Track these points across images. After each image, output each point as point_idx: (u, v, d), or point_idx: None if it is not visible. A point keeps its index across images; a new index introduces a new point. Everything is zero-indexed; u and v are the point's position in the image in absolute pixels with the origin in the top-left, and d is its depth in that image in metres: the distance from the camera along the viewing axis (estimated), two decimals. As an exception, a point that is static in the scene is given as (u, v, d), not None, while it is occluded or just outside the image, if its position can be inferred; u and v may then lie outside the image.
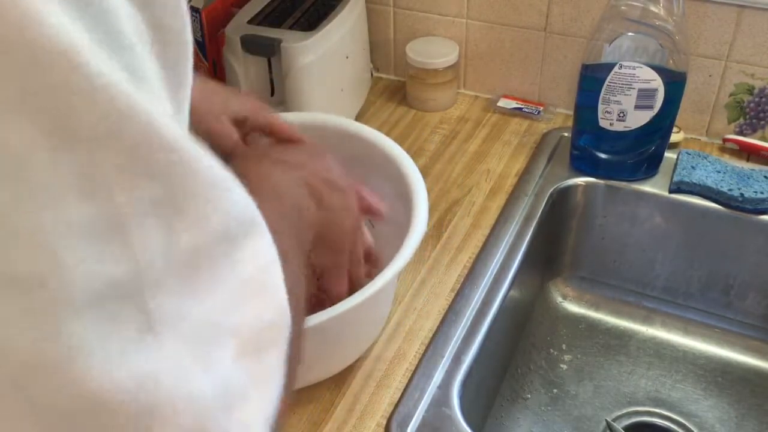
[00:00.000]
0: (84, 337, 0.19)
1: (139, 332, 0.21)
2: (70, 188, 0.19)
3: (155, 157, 0.21)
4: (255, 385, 0.25)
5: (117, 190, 0.20)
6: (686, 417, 0.88)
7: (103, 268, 0.20)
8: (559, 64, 1.03)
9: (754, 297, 0.94)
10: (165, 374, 0.21)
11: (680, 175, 0.90)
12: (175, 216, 0.21)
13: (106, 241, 0.20)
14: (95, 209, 0.19)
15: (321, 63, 0.91)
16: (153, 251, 0.21)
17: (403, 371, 0.72)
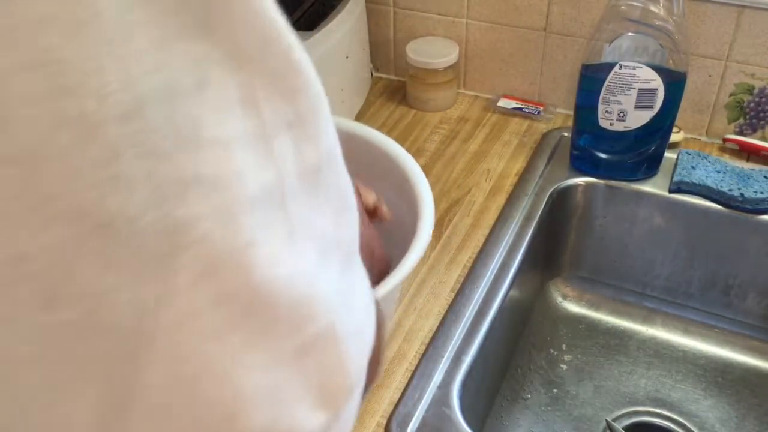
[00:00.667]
0: (256, 234, 0.22)
1: (287, 234, 0.23)
2: (236, 101, 0.22)
3: (290, 81, 0.24)
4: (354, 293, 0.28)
5: (264, 107, 0.23)
6: (686, 417, 0.88)
7: (260, 174, 0.22)
8: (559, 64, 1.03)
9: (754, 297, 0.94)
10: (306, 273, 0.24)
11: (680, 175, 0.90)
12: (301, 134, 0.24)
13: (260, 150, 0.23)
14: (251, 122, 0.22)
15: (321, 63, 0.91)
16: (288, 164, 0.24)
17: (403, 371, 0.72)
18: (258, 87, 0.23)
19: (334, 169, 0.27)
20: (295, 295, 0.24)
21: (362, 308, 0.29)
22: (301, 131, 0.24)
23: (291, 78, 0.24)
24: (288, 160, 0.24)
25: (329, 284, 0.25)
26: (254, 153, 0.22)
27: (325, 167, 0.26)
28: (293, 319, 0.24)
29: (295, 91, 0.24)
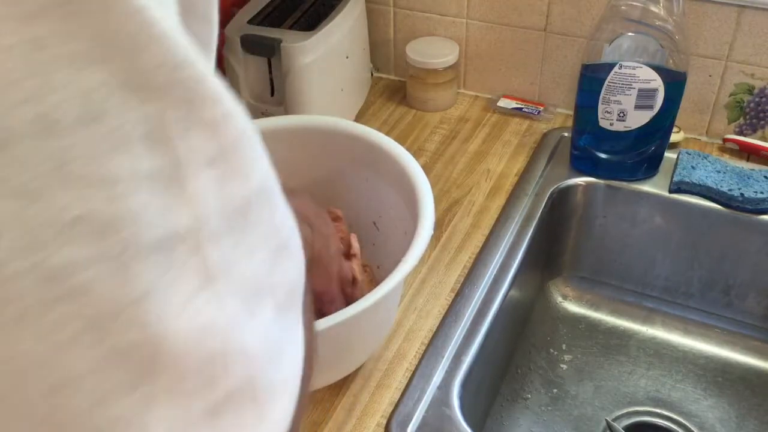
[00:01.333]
0: (154, 282, 0.20)
1: (200, 282, 0.21)
2: (139, 136, 0.20)
3: (206, 112, 0.21)
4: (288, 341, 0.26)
5: (177, 141, 0.20)
6: (686, 417, 0.88)
7: (167, 218, 0.20)
8: (559, 64, 1.03)
9: (754, 297, 0.94)
10: (223, 324, 0.22)
11: (680, 175, 0.90)
12: (226, 169, 0.22)
13: (170, 191, 0.20)
14: (160, 159, 0.20)
15: (321, 63, 0.91)
16: (210, 203, 0.22)
17: (403, 371, 0.72)
18: (169, 121, 0.20)
19: (268, 205, 0.24)
20: (207, 349, 0.21)
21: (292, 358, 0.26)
22: (225, 167, 0.22)
23: (209, 109, 0.21)
24: (209, 199, 0.22)
25: (254, 334, 0.23)
26: (161, 194, 0.20)
27: (257, 204, 0.23)
28: (207, 373, 0.22)
29: (215, 124, 0.22)
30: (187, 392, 0.21)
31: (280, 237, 0.25)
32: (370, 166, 0.75)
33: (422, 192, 0.68)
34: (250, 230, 0.23)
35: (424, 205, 0.67)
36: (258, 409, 0.24)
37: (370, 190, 0.77)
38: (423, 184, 0.69)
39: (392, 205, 0.74)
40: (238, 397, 0.23)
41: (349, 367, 0.70)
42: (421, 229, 0.64)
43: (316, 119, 0.80)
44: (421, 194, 0.68)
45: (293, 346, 0.26)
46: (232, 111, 0.22)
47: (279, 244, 0.25)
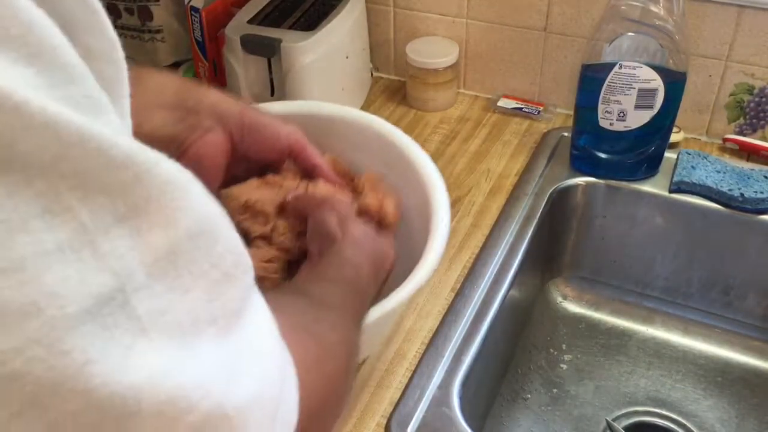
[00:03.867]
0: (88, 350, 0.20)
1: (134, 337, 0.22)
2: (35, 215, 0.20)
3: (108, 177, 0.22)
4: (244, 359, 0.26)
5: (78, 210, 0.21)
6: (686, 417, 0.88)
7: (87, 284, 0.21)
8: (559, 64, 1.03)
9: (754, 297, 0.94)
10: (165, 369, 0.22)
11: (680, 175, 0.90)
12: (141, 223, 0.22)
13: (82, 258, 0.21)
14: (63, 231, 0.21)
15: (321, 63, 0.91)
16: (127, 260, 0.22)
17: (403, 371, 0.72)
18: (64, 192, 0.21)
19: (204, 243, 0.25)
20: (160, 392, 0.22)
21: (256, 373, 0.27)
22: (139, 221, 0.23)
23: (110, 174, 0.22)
24: (127, 255, 0.22)
25: (202, 366, 0.24)
26: (76, 263, 0.21)
27: (188, 247, 0.24)
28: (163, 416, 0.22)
29: (120, 186, 0.22)
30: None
31: (220, 268, 0.25)
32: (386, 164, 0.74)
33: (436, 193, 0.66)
34: (181, 273, 0.24)
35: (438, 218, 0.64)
36: (231, 428, 0.24)
37: None
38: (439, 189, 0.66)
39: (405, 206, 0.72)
40: (210, 423, 0.24)
41: None
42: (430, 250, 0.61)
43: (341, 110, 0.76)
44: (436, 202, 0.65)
45: (255, 358, 0.27)
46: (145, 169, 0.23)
47: (219, 274, 0.25)
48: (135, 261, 0.22)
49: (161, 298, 0.23)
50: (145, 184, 0.23)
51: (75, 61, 0.22)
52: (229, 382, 0.25)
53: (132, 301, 0.22)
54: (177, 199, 0.24)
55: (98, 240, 0.21)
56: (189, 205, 0.24)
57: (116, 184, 0.22)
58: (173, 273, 0.23)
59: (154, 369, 0.22)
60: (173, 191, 0.24)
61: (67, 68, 0.22)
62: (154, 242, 0.23)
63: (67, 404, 0.20)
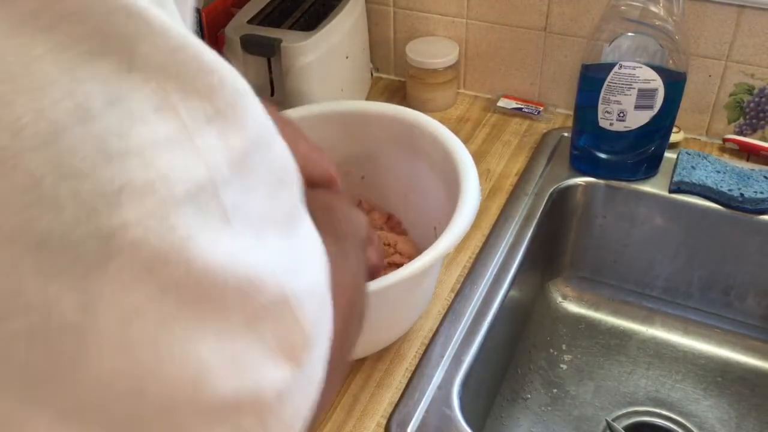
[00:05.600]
0: (191, 227, 0.24)
1: (221, 223, 0.25)
2: (151, 108, 0.23)
3: (201, 80, 0.25)
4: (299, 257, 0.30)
5: (180, 108, 0.24)
6: (686, 417, 0.88)
7: (188, 172, 0.24)
8: (559, 64, 1.03)
9: (754, 297, 0.94)
10: (244, 253, 0.26)
11: (680, 175, 0.90)
12: (225, 125, 0.26)
13: (185, 149, 0.24)
14: (170, 125, 0.24)
15: (321, 63, 0.91)
16: (216, 156, 0.25)
17: (403, 371, 0.72)
18: (171, 91, 0.24)
19: (264, 150, 0.28)
20: (240, 272, 0.26)
21: (311, 268, 0.31)
22: (223, 123, 0.26)
23: (202, 78, 0.25)
24: (215, 151, 0.25)
25: (271, 255, 0.27)
26: (180, 153, 0.24)
27: (255, 150, 0.27)
28: (241, 293, 0.26)
29: (209, 89, 0.25)
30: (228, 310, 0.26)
31: (276, 174, 0.29)
32: (409, 146, 0.76)
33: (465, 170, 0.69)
34: (251, 173, 0.27)
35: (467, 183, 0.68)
36: (291, 312, 0.28)
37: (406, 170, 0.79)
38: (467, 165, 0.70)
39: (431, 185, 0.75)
40: (274, 305, 0.27)
41: (387, 338, 0.71)
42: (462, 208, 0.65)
43: (350, 104, 0.82)
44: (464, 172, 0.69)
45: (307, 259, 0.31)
46: (225, 76, 0.26)
47: (276, 179, 0.29)
48: (221, 158, 0.25)
49: (238, 193, 0.26)
50: (227, 89, 0.26)
51: None
52: (290, 272, 0.28)
53: (220, 192, 0.25)
54: (247, 107, 0.27)
55: (194, 136, 0.25)
56: (254, 114, 0.28)
57: (206, 87, 0.25)
58: (246, 173, 0.27)
59: (236, 251, 0.26)
60: (245, 99, 0.27)
61: None
62: (232, 143, 0.26)
63: (172, 271, 0.24)
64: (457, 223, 0.64)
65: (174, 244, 0.24)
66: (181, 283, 0.24)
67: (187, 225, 0.24)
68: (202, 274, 0.24)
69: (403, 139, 0.77)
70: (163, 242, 0.23)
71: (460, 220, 0.64)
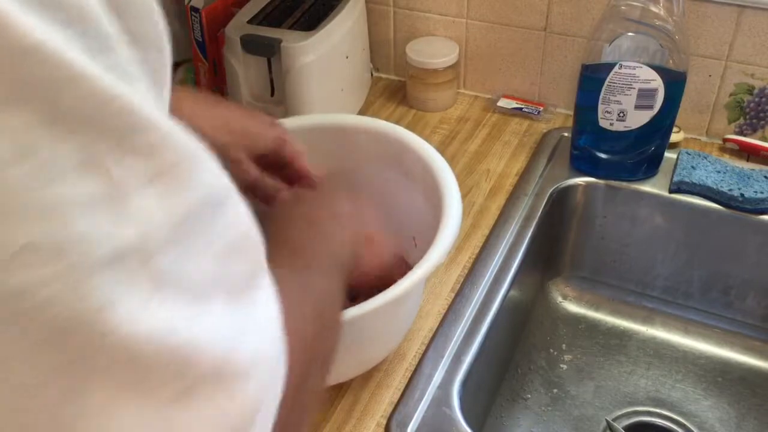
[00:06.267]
0: (110, 294, 0.22)
1: (151, 291, 0.23)
2: (72, 166, 0.22)
3: (139, 138, 0.23)
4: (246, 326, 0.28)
5: (112, 166, 0.23)
6: (686, 417, 0.88)
7: (113, 234, 0.22)
8: (559, 64, 1.03)
9: (754, 297, 0.94)
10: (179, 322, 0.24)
11: (680, 175, 0.90)
12: (165, 186, 0.24)
13: (112, 211, 0.23)
14: (97, 185, 0.22)
15: (321, 63, 0.91)
16: (153, 218, 0.24)
17: (403, 371, 0.72)
18: (102, 149, 0.22)
19: (214, 214, 0.26)
20: (171, 343, 0.24)
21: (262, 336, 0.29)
22: (165, 183, 0.24)
23: (141, 135, 0.23)
24: (153, 215, 0.24)
25: (212, 324, 0.26)
26: (105, 215, 0.22)
27: (201, 214, 0.26)
28: (170, 367, 0.24)
29: (149, 148, 0.24)
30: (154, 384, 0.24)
31: (229, 238, 0.27)
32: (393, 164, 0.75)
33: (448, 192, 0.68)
34: (196, 237, 0.25)
35: (449, 205, 0.66)
36: (228, 391, 0.26)
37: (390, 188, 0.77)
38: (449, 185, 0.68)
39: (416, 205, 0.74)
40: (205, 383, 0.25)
41: (368, 363, 0.70)
42: (444, 229, 0.63)
43: (335, 118, 0.80)
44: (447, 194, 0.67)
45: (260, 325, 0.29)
46: (170, 134, 0.24)
47: (228, 243, 0.27)
48: (159, 221, 0.24)
49: (176, 259, 0.24)
50: (170, 148, 0.24)
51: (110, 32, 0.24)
52: (235, 342, 0.27)
53: (152, 258, 0.23)
54: (196, 166, 0.26)
55: (129, 197, 0.23)
56: (204, 172, 0.26)
57: (145, 145, 0.23)
58: (189, 237, 0.25)
59: (169, 321, 0.24)
60: (192, 158, 0.26)
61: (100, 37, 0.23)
62: (175, 205, 0.24)
63: (84, 342, 0.22)
64: (437, 248, 0.62)
65: (89, 312, 0.22)
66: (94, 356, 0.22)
67: (105, 292, 0.22)
68: (121, 347, 0.23)
69: (381, 151, 0.75)
70: (73, 309, 0.22)
71: (440, 246, 0.62)
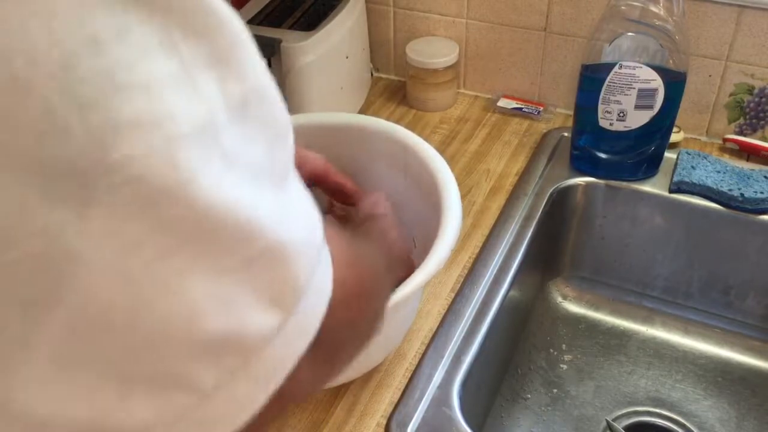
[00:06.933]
0: (194, 166, 0.24)
1: (223, 165, 0.25)
2: (156, 43, 0.23)
3: (202, 21, 0.25)
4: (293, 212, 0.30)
5: (181, 47, 0.24)
6: (686, 417, 0.88)
7: (191, 111, 0.24)
8: (559, 64, 1.03)
9: (754, 297, 0.94)
10: (245, 200, 0.26)
11: (680, 175, 0.90)
12: (224, 69, 0.26)
13: (186, 88, 0.24)
14: (174, 63, 0.24)
15: (321, 63, 0.91)
16: (215, 98, 0.25)
17: (403, 371, 0.72)
18: (173, 28, 0.24)
19: (263, 102, 0.28)
20: (240, 216, 0.26)
21: (302, 222, 0.31)
22: (223, 68, 0.26)
23: (202, 17, 0.25)
24: (214, 95, 0.25)
25: (267, 205, 0.28)
26: (183, 92, 0.24)
27: (254, 101, 0.27)
28: (238, 237, 0.26)
29: (209, 31, 0.25)
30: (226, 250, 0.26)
31: (273, 128, 0.29)
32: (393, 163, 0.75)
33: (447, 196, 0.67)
34: (249, 123, 0.27)
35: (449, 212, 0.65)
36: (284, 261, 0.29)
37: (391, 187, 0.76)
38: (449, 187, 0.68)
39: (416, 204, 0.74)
40: (268, 252, 0.28)
41: (366, 364, 0.70)
42: (444, 234, 0.63)
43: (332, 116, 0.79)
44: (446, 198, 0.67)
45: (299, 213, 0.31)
46: (225, 20, 0.26)
47: (273, 133, 0.29)
48: (220, 102, 0.25)
49: (238, 140, 0.26)
50: (226, 33, 0.26)
51: None
52: (288, 224, 0.29)
53: (220, 136, 0.25)
54: (247, 56, 0.27)
55: (196, 77, 0.25)
56: (254, 65, 0.28)
57: (206, 28, 0.25)
58: (245, 122, 0.27)
59: (237, 195, 0.26)
60: (245, 47, 0.27)
61: None
62: (232, 90, 0.26)
63: (175, 208, 0.24)
64: (436, 255, 0.61)
65: (177, 181, 0.24)
66: (182, 220, 0.24)
67: (190, 164, 0.24)
68: (203, 214, 0.25)
69: (382, 150, 0.75)
70: (166, 179, 0.23)
71: (438, 253, 0.62)
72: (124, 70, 0.23)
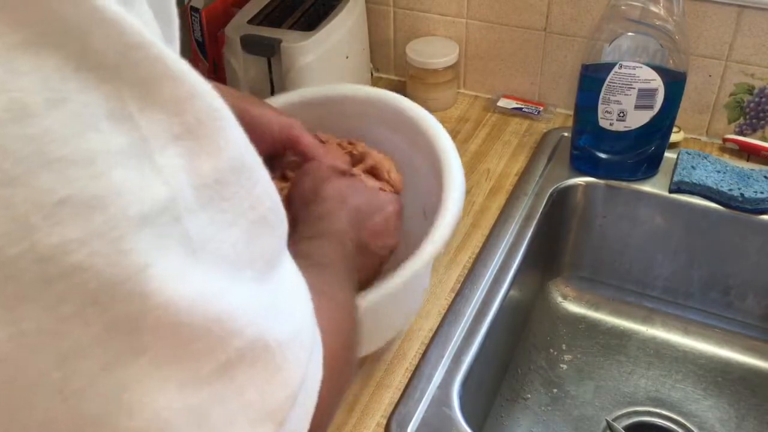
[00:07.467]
0: (148, 255, 0.21)
1: (186, 254, 0.22)
2: (102, 114, 0.20)
3: (165, 89, 0.22)
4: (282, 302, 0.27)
5: (138, 120, 0.21)
6: (686, 417, 0.88)
7: (145, 191, 0.21)
8: (559, 64, 1.03)
9: (754, 297, 0.94)
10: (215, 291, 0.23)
11: (680, 175, 0.90)
12: (193, 144, 0.23)
13: (142, 165, 0.21)
14: (126, 136, 0.21)
15: (321, 63, 0.91)
16: (180, 177, 0.22)
17: (403, 371, 0.72)
18: (128, 99, 0.21)
19: (242, 181, 0.25)
20: (211, 312, 0.22)
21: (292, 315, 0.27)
22: (192, 142, 0.23)
23: (169, 89, 0.22)
24: (179, 174, 0.22)
25: (245, 299, 0.24)
26: (136, 169, 0.21)
27: (230, 180, 0.24)
28: (211, 337, 0.23)
29: (177, 102, 0.22)
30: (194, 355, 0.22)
31: (258, 210, 0.26)
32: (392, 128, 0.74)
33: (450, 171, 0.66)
34: (225, 205, 0.24)
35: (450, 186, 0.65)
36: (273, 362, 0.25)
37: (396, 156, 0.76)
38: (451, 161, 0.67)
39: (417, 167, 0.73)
40: (251, 352, 0.24)
41: (380, 340, 0.69)
42: (445, 210, 0.62)
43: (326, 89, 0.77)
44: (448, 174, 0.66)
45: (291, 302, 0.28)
46: (198, 91, 0.23)
47: (258, 217, 0.25)
48: (186, 182, 0.22)
49: (208, 225, 0.23)
50: (198, 104, 0.23)
51: None
52: (270, 317, 0.25)
53: (183, 220, 0.22)
54: (223, 128, 0.24)
55: (155, 153, 0.22)
56: (233, 137, 0.25)
57: (172, 99, 0.22)
58: (218, 203, 0.24)
59: (206, 287, 0.22)
60: (220, 119, 0.24)
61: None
62: (202, 168, 0.23)
63: (124, 306, 0.20)
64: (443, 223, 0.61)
65: (127, 273, 0.20)
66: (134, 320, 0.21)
67: (143, 251, 0.21)
68: (162, 312, 0.21)
69: (386, 120, 0.73)
70: (113, 269, 0.20)
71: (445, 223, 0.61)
72: (56, 141, 0.19)
